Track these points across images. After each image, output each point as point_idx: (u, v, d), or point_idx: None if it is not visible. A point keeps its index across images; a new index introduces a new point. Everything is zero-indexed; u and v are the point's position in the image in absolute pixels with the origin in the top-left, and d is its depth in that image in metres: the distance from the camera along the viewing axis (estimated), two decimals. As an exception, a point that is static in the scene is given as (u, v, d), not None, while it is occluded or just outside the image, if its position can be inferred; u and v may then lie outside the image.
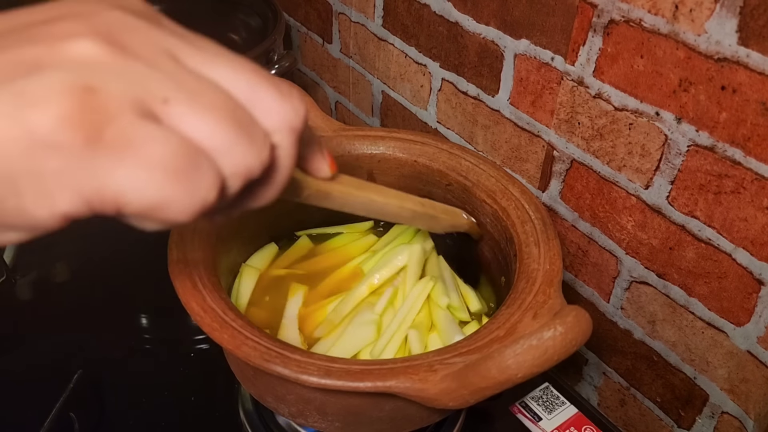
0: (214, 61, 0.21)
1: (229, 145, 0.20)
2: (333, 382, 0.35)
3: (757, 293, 0.45)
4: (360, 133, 0.56)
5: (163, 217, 0.19)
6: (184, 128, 0.19)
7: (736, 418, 0.50)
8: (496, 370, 0.33)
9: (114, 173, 0.18)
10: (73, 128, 0.17)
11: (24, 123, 0.17)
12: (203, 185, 0.19)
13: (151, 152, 0.18)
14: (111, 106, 0.18)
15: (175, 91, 0.19)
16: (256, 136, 0.21)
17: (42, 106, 0.17)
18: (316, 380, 0.35)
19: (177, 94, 0.19)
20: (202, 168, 0.19)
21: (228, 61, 0.21)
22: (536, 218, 0.47)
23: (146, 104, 0.19)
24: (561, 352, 0.32)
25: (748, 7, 0.38)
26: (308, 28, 0.87)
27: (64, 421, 0.50)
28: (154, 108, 0.19)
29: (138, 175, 0.18)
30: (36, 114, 0.17)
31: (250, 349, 0.36)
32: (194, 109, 0.19)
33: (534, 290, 0.41)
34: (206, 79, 0.20)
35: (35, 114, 0.17)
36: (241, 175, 0.20)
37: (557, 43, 0.51)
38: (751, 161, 0.42)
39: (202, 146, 0.19)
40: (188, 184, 0.19)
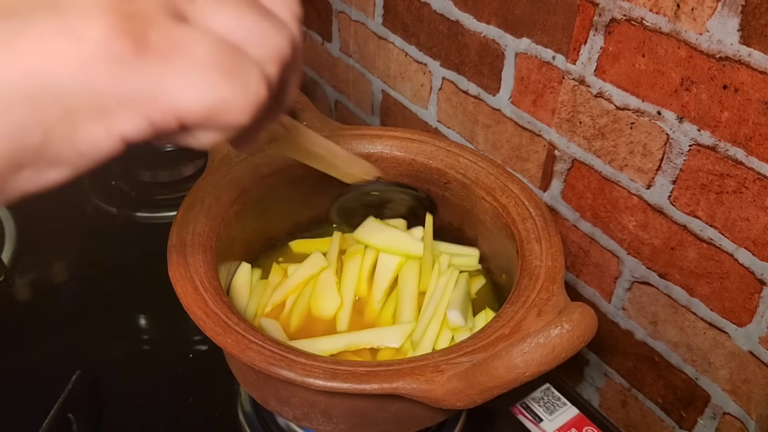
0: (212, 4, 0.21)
1: (258, 32, 0.20)
2: (339, 384, 0.35)
3: (759, 293, 0.44)
4: (357, 132, 0.56)
5: (226, 121, 0.19)
6: (213, 25, 0.19)
7: (738, 419, 0.49)
8: (504, 369, 0.33)
9: (168, 80, 0.18)
10: (122, 37, 0.17)
11: (74, 37, 0.17)
12: (252, 78, 0.19)
13: (196, 53, 0.18)
14: (149, 10, 0.18)
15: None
16: (278, 20, 0.21)
17: (88, 19, 0.17)
18: (322, 383, 0.35)
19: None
20: (245, 62, 0.19)
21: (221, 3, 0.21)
22: (537, 215, 0.46)
23: (176, 5, 0.19)
24: (568, 349, 0.32)
25: (750, 6, 0.38)
26: (308, 26, 0.86)
27: (63, 422, 0.49)
28: (183, 8, 0.19)
29: (192, 78, 0.18)
30: (84, 27, 0.17)
31: (254, 353, 0.36)
32: (218, 4, 0.19)
33: (537, 287, 0.41)
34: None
35: (83, 27, 0.17)
36: (277, 58, 0.21)
37: (558, 42, 0.51)
38: (753, 161, 0.41)
39: (235, 40, 0.19)
40: (240, 79, 0.19)
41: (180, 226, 0.45)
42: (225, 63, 0.19)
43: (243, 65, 0.19)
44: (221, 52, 0.19)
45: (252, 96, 0.19)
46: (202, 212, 0.46)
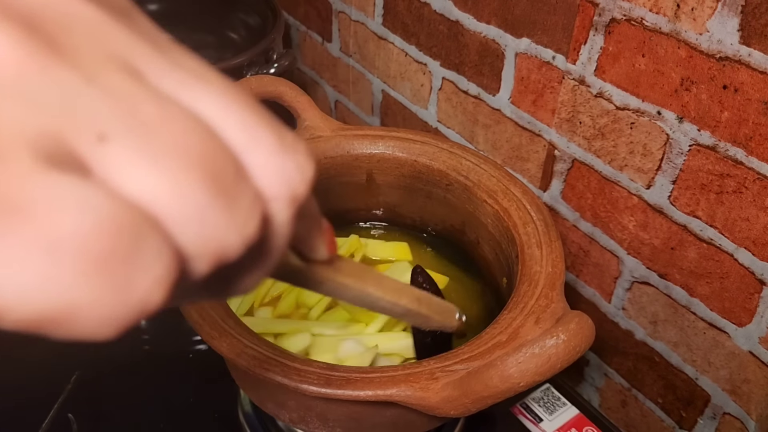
0: (195, 84, 0.13)
1: (198, 212, 0.12)
2: (333, 391, 0.35)
3: (759, 293, 0.44)
4: (359, 133, 0.55)
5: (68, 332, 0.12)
6: (123, 183, 0.12)
7: (738, 419, 0.49)
8: (498, 378, 0.32)
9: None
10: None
11: None
12: (142, 279, 0.12)
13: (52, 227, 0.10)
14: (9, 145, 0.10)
15: (121, 122, 0.12)
16: (242, 201, 0.13)
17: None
18: (315, 389, 0.35)
19: (122, 127, 0.12)
20: (144, 250, 0.12)
21: (216, 86, 0.14)
22: (538, 219, 0.46)
23: (67, 143, 0.11)
24: (564, 360, 0.32)
25: (750, 6, 0.38)
26: (308, 26, 0.86)
27: (63, 422, 0.50)
28: (80, 148, 0.11)
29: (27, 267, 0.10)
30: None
31: (249, 358, 0.36)
32: (146, 151, 0.12)
33: (536, 294, 0.40)
34: (177, 107, 0.13)
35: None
36: (211, 257, 0.13)
37: (558, 42, 0.51)
38: (752, 161, 0.41)
39: (151, 213, 0.12)
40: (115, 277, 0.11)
41: None
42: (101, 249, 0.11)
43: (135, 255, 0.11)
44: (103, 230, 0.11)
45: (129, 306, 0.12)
46: None
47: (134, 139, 0.12)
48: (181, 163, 0.12)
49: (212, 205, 0.13)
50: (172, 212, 0.12)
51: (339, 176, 0.55)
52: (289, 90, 0.55)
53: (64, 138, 0.11)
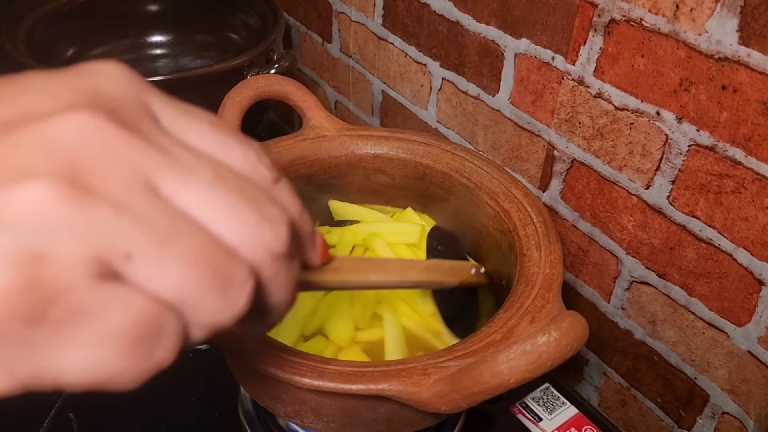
0: (192, 184, 0.17)
1: (200, 297, 0.17)
2: (325, 383, 0.35)
3: (757, 293, 0.44)
4: (363, 133, 0.56)
5: (104, 388, 0.16)
6: (149, 285, 0.16)
7: (737, 419, 0.49)
8: (489, 374, 0.32)
9: (57, 354, 0.15)
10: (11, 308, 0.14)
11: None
12: (160, 351, 0.16)
13: (104, 324, 0.15)
14: (61, 276, 0.14)
15: (143, 241, 0.16)
16: (234, 283, 0.17)
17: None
18: (308, 381, 0.35)
19: (144, 245, 0.16)
20: (164, 331, 0.16)
21: (208, 181, 0.17)
22: (538, 221, 0.46)
23: (106, 262, 0.15)
24: (555, 357, 0.32)
25: (749, 6, 0.38)
26: (308, 27, 0.86)
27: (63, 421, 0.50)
28: (115, 266, 0.15)
29: (86, 355, 0.15)
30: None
31: (244, 350, 0.36)
32: (163, 261, 0.16)
33: (533, 294, 0.41)
34: (182, 215, 0.17)
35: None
36: (208, 327, 0.17)
37: (558, 43, 0.51)
38: (751, 161, 0.41)
39: (168, 301, 0.16)
40: (143, 353, 0.16)
41: None
42: (137, 334, 0.15)
43: (158, 335, 0.16)
44: (138, 321, 0.15)
45: (148, 367, 0.16)
46: None
47: (152, 252, 0.16)
48: (189, 263, 0.16)
49: (210, 294, 0.17)
50: (182, 299, 0.16)
51: (342, 176, 0.56)
52: (295, 90, 0.56)
53: (103, 259, 0.15)
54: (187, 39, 0.87)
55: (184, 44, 0.87)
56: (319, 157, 0.55)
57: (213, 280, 0.17)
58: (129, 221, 0.15)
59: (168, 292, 0.16)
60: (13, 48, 0.66)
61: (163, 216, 0.16)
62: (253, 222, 0.18)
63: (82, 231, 0.15)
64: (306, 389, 0.36)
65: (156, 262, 0.16)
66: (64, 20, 0.77)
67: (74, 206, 0.15)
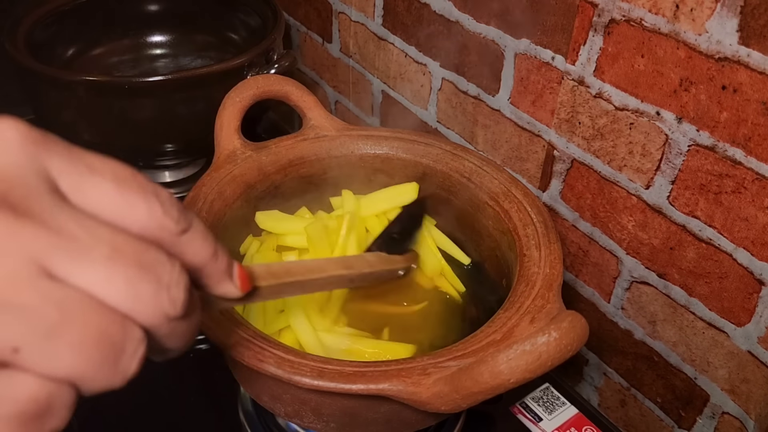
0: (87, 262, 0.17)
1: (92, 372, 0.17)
2: (326, 383, 0.35)
3: (757, 293, 0.44)
4: (363, 133, 0.56)
5: (88, 391, 0.18)
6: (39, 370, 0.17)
7: (737, 419, 0.49)
8: (489, 374, 0.32)
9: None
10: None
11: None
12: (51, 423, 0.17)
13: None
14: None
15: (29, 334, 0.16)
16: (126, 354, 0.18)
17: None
18: (308, 381, 0.35)
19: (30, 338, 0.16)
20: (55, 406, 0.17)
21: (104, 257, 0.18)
22: (538, 221, 0.46)
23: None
24: (555, 357, 0.32)
25: (749, 6, 0.38)
26: (308, 27, 0.86)
27: (64, 421, 0.50)
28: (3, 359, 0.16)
29: None
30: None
31: (243, 349, 0.36)
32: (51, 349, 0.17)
33: (533, 294, 0.41)
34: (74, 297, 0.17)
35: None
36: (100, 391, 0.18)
37: (558, 43, 0.51)
38: (751, 161, 0.41)
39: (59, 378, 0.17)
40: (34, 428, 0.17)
41: None
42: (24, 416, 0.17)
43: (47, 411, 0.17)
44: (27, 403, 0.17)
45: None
46: (205, 207, 0.47)
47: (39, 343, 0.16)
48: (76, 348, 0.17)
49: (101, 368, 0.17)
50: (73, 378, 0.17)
51: (343, 176, 0.56)
52: (295, 89, 0.56)
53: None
54: (187, 39, 0.87)
55: (184, 44, 0.87)
56: (319, 157, 0.55)
57: (104, 356, 0.17)
58: (13, 318, 0.16)
59: (59, 373, 0.17)
60: (13, 48, 0.66)
61: (52, 304, 0.17)
62: (149, 293, 0.18)
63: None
64: (306, 389, 0.36)
65: (44, 351, 0.16)
66: (64, 20, 0.77)
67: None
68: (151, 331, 0.19)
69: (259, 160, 0.52)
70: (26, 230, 0.17)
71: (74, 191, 0.18)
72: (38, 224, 0.17)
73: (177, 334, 0.20)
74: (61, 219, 0.17)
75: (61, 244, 0.17)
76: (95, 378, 0.18)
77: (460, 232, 0.55)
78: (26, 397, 0.17)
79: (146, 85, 0.63)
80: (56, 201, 0.18)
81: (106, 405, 0.54)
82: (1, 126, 0.18)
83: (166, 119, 0.66)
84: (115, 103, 0.64)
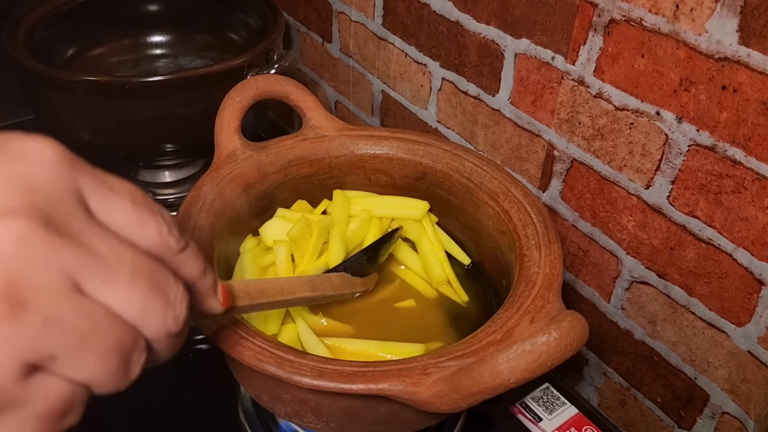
0: (112, 282, 0.20)
1: (108, 377, 0.20)
2: (325, 383, 0.35)
3: (757, 293, 0.44)
4: (363, 133, 0.56)
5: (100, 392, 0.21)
6: (67, 374, 0.19)
7: (737, 419, 0.49)
8: (489, 374, 0.32)
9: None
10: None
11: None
12: (69, 420, 0.21)
13: (26, 411, 0.19)
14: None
15: (65, 345, 0.19)
16: (132, 362, 0.21)
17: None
18: (308, 381, 0.35)
19: (66, 348, 0.19)
20: (75, 405, 0.20)
21: (126, 278, 0.21)
22: (538, 221, 0.46)
23: (33, 364, 0.19)
24: (555, 357, 0.32)
25: (749, 6, 0.38)
26: (308, 27, 0.86)
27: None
28: (41, 365, 0.19)
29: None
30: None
31: (243, 349, 0.36)
32: (81, 357, 0.19)
33: (533, 294, 0.41)
34: (100, 311, 0.20)
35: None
36: (107, 392, 0.21)
37: (558, 43, 0.51)
38: (751, 161, 0.41)
39: (81, 382, 0.20)
40: (55, 426, 0.20)
41: (181, 220, 0.45)
42: (51, 414, 0.20)
43: (69, 409, 0.20)
44: (55, 403, 0.20)
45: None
46: (204, 207, 0.47)
47: (73, 352, 0.19)
48: (100, 357, 0.20)
49: (115, 375, 0.20)
50: (91, 382, 0.20)
51: (342, 176, 0.56)
52: (295, 89, 0.56)
53: (31, 362, 0.18)
54: (187, 39, 0.87)
55: (184, 44, 0.87)
56: (318, 157, 0.55)
57: (119, 364, 0.20)
58: (55, 330, 0.19)
59: (83, 377, 0.20)
60: (13, 48, 0.66)
61: (84, 317, 0.19)
62: (159, 311, 0.21)
63: (14, 343, 0.18)
64: (306, 389, 0.36)
65: (75, 359, 0.19)
66: (64, 20, 0.77)
67: (9, 322, 0.18)
68: (151, 342, 0.22)
69: (259, 160, 0.52)
70: (66, 250, 0.19)
71: (101, 210, 0.21)
72: (76, 244, 0.19)
73: (171, 346, 0.23)
74: (94, 239, 0.20)
75: (93, 264, 0.20)
76: (108, 381, 0.20)
77: (460, 232, 0.55)
78: (56, 397, 0.19)
79: (146, 85, 0.63)
80: (89, 220, 0.20)
81: (106, 405, 0.54)
82: (40, 146, 0.20)
83: (166, 119, 0.66)
84: (115, 103, 0.64)
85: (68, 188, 0.20)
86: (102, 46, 0.83)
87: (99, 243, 0.20)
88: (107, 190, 0.21)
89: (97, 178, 0.21)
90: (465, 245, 0.55)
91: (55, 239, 0.19)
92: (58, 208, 0.19)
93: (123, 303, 0.20)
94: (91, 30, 0.81)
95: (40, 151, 0.20)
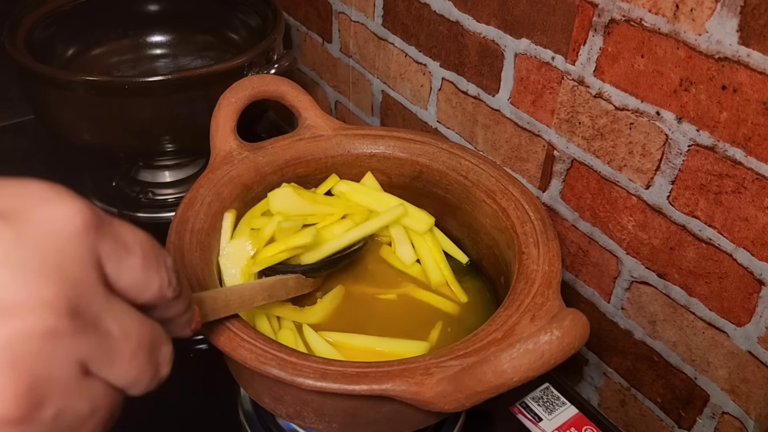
0: (114, 365, 0.22)
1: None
2: (329, 385, 0.35)
3: (757, 293, 0.44)
4: (360, 132, 0.56)
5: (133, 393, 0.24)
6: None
7: (737, 419, 0.49)
8: (492, 374, 0.32)
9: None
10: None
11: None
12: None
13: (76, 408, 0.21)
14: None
15: (65, 428, 0.21)
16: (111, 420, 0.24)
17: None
18: (311, 383, 0.35)
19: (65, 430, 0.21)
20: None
21: (127, 360, 0.22)
22: (536, 219, 0.46)
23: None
24: (558, 356, 0.32)
25: (749, 6, 0.38)
26: (308, 27, 0.86)
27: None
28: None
29: None
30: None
31: (246, 352, 0.36)
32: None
33: (532, 292, 0.41)
34: (99, 391, 0.22)
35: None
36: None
37: (558, 43, 0.51)
38: (751, 161, 0.41)
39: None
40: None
41: (179, 223, 0.45)
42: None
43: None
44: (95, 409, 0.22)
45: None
46: (202, 209, 0.47)
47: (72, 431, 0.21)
48: (97, 424, 0.22)
49: (106, 426, 0.23)
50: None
51: (339, 175, 0.56)
52: (290, 89, 0.55)
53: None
54: (187, 39, 0.87)
55: (184, 44, 0.87)
56: (315, 156, 0.55)
57: (108, 421, 0.23)
58: (61, 420, 0.20)
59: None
60: (13, 48, 0.66)
61: (87, 400, 0.21)
62: (149, 378, 0.24)
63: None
64: (308, 390, 0.36)
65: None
66: (64, 20, 0.77)
67: (28, 423, 0.19)
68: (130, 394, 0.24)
69: (255, 161, 0.52)
70: (85, 340, 0.20)
71: (114, 273, 0.22)
72: (92, 333, 0.21)
73: (148, 389, 0.25)
74: (107, 320, 0.21)
75: (103, 350, 0.21)
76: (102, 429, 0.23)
77: (458, 230, 0.55)
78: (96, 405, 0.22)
79: (146, 85, 0.63)
80: (106, 296, 0.21)
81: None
82: (69, 213, 0.21)
83: (166, 119, 0.66)
84: (115, 103, 0.64)
85: (91, 260, 0.21)
86: (102, 46, 0.83)
87: (111, 323, 0.21)
88: (122, 251, 0.22)
89: (114, 240, 0.22)
90: (462, 243, 0.55)
91: (78, 332, 0.20)
92: (83, 296, 0.20)
93: (121, 377, 0.22)
94: (91, 30, 0.81)
95: (69, 222, 0.20)
